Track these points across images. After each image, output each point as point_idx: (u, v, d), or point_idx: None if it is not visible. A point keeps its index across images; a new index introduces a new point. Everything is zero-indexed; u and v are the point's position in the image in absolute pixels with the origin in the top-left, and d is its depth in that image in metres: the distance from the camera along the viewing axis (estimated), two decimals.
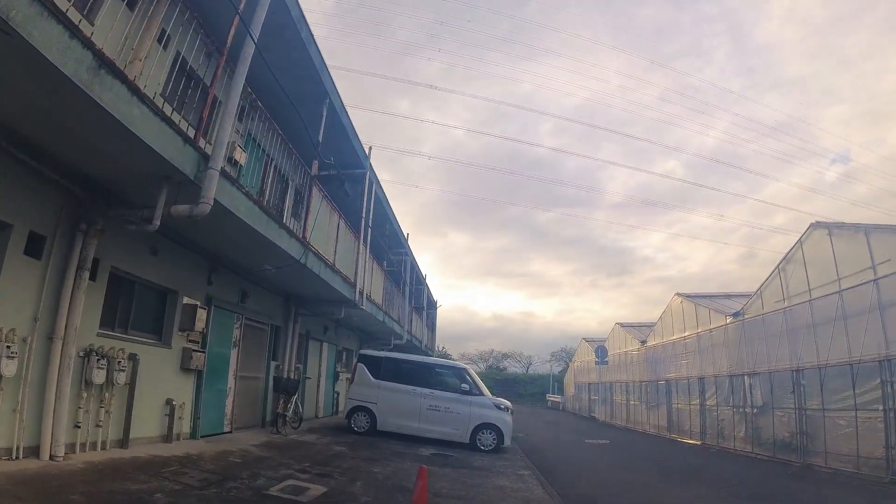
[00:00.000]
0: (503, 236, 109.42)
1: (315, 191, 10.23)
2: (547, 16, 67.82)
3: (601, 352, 26.88)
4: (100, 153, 4.95)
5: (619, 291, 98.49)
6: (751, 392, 14.77)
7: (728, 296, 19.52)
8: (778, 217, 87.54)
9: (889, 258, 10.79)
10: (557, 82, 60.36)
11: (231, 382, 9.58)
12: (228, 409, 9.45)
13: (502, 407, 12.63)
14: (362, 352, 14.34)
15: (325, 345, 16.68)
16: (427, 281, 29.73)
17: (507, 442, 12.24)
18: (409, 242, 23.24)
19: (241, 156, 7.12)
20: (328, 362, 17.03)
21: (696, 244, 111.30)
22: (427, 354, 33.69)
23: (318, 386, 16.03)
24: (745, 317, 15.46)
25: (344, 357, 18.80)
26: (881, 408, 10.53)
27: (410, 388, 12.60)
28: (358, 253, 13.30)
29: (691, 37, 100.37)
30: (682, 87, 60.38)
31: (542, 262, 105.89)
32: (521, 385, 49.23)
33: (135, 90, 4.35)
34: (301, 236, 9.09)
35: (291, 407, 11.03)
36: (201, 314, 8.09)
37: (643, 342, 23.61)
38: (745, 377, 15.09)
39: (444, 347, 54.46)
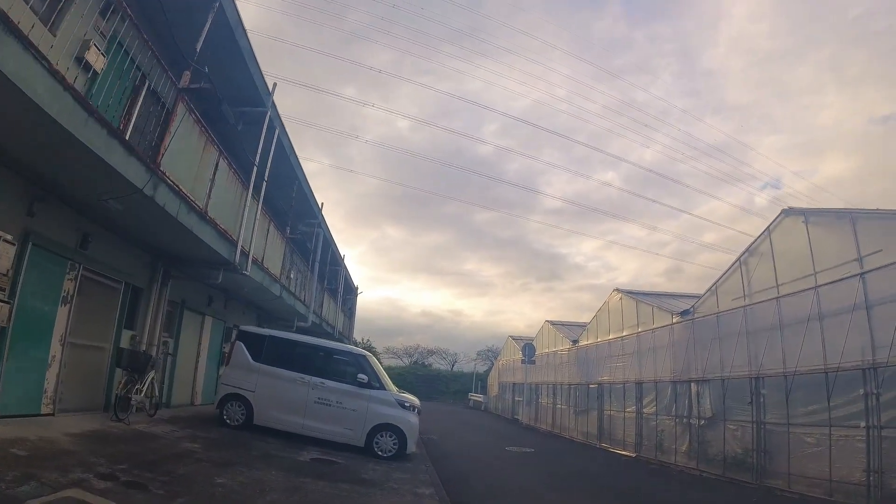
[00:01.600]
0: (439, 233, 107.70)
1: (181, 108, 7.57)
2: (501, 15, 66.16)
3: (528, 350, 24.88)
4: None
5: (549, 296, 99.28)
6: (698, 401, 12.97)
7: (673, 295, 17.94)
8: (708, 235, 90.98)
9: (881, 248, 9.10)
10: (506, 84, 59.16)
11: (56, 350, 7.29)
12: (50, 385, 7.25)
13: (407, 405, 10.34)
14: (242, 328, 11.74)
15: (209, 319, 13.76)
16: (346, 263, 26.73)
17: (412, 447, 10.06)
18: (327, 216, 20.28)
19: (97, 59, 5.43)
20: (212, 340, 14.08)
21: (626, 255, 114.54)
22: (342, 343, 30.64)
23: (197, 367, 13.25)
24: (696, 316, 13.68)
25: (234, 336, 15.78)
26: (863, 424, 8.77)
27: (297, 375, 10.22)
28: (245, 206, 10.66)
29: (642, 54, 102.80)
30: (628, 100, 60.85)
31: (475, 261, 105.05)
32: (445, 382, 47.38)
33: None
34: (153, 161, 6.57)
35: (144, 389, 8.71)
36: (5, 250, 5.75)
37: (574, 342, 21.79)
38: (692, 384, 13.29)
39: (368, 339, 52.03)
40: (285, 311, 16.68)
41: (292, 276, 16.83)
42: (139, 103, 6.54)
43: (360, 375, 10.18)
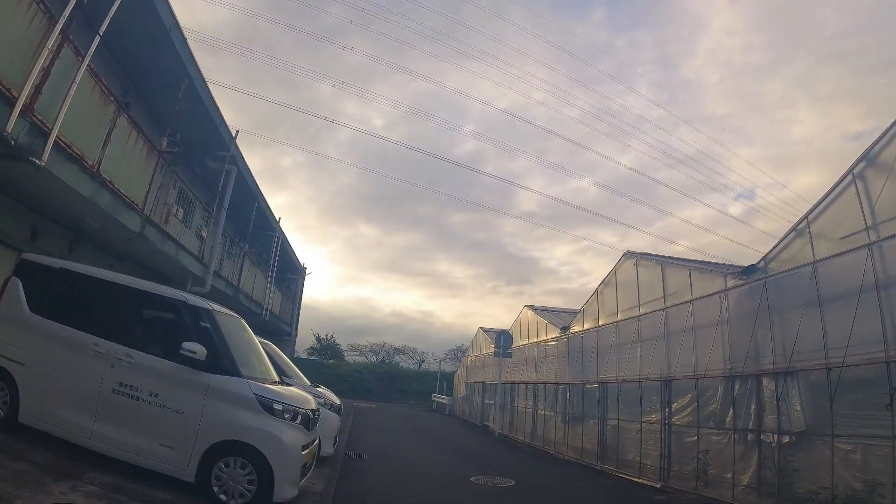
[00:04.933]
0: (413, 233, 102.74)
1: None
2: (480, 17, 61.57)
3: (504, 339, 19.90)
4: None
5: (520, 299, 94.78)
6: (777, 405, 8.19)
7: (705, 263, 13.27)
8: (683, 241, 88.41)
9: None
10: (483, 86, 54.77)
11: None
12: None
13: (278, 407, 5.26)
14: (24, 256, 6.56)
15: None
16: (282, 226, 21.52)
17: (286, 491, 5.06)
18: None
19: None
20: None
21: (599, 261, 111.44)
22: (281, 329, 25.21)
23: None
24: (770, 273, 8.90)
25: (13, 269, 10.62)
26: None
27: (90, 338, 5.63)
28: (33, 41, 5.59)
29: (620, 62, 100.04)
30: (606, 107, 57.26)
31: (447, 263, 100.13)
32: (409, 382, 42.48)
33: None
34: None
35: None
36: None
37: (565, 328, 16.95)
38: (765, 379, 8.53)
39: (331, 335, 46.95)
40: (168, 264, 11.46)
41: (191, 218, 11.86)
42: None
43: (188, 346, 5.20)
